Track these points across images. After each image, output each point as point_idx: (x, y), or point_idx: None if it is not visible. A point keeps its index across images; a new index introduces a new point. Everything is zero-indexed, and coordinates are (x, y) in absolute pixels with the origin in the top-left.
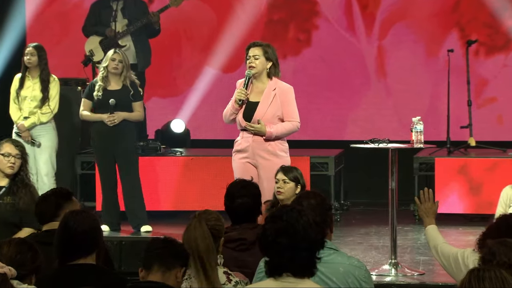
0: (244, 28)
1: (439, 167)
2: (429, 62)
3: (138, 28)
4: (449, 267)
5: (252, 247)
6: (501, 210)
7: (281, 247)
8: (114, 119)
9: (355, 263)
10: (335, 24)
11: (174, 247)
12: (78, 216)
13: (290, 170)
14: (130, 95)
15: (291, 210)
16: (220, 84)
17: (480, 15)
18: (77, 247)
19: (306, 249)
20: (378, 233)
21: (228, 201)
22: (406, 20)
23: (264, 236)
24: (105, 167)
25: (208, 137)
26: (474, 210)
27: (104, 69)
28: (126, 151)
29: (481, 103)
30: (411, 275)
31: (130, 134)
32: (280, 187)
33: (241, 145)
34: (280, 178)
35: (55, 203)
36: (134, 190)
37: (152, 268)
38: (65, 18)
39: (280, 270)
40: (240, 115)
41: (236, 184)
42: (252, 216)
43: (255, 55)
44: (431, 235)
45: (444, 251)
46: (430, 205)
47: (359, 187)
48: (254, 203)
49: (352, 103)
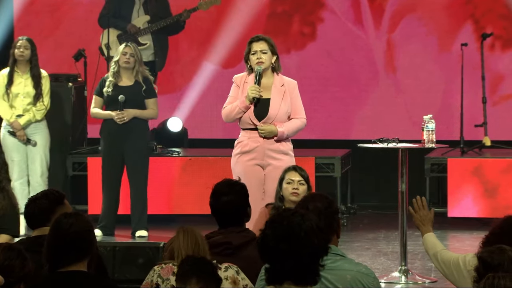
0: (245, 21)
1: (452, 168)
2: (442, 57)
3: (161, 27)
4: (450, 274)
5: (237, 252)
6: None
7: (282, 253)
8: (123, 116)
9: (363, 270)
10: (342, 16)
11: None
12: (71, 218)
13: (302, 170)
14: (142, 91)
15: (293, 214)
16: (220, 80)
17: (496, 6)
18: (69, 252)
19: (308, 255)
20: (387, 238)
21: (213, 200)
22: (417, 12)
23: (264, 242)
24: (110, 167)
25: (206, 137)
26: (489, 214)
27: (115, 63)
28: (135, 151)
29: (497, 100)
30: (423, 282)
31: (141, 133)
32: (296, 188)
33: (249, 146)
34: (295, 179)
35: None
36: (141, 194)
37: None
38: (56, 10)
39: (281, 278)
40: (251, 113)
41: (223, 183)
42: (238, 217)
43: (262, 49)
44: (429, 243)
45: (444, 257)
46: (425, 213)
47: (367, 190)
48: (240, 203)
49: (360, 100)
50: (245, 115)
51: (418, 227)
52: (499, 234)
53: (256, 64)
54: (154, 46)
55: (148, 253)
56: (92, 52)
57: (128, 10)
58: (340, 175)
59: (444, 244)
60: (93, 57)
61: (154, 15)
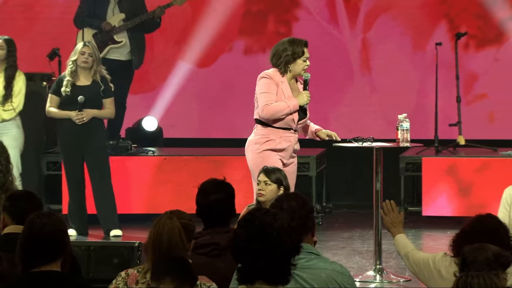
0: (220, 20)
1: (426, 167)
2: (416, 56)
3: (136, 24)
4: (421, 273)
5: (224, 253)
6: (504, 212)
7: (254, 252)
8: (83, 117)
9: (338, 268)
10: (317, 16)
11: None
12: (45, 218)
13: (273, 171)
14: (100, 91)
15: (265, 214)
16: (195, 79)
17: (470, 5)
18: (42, 252)
19: (280, 255)
20: (362, 237)
21: (201, 198)
22: (391, 11)
23: (236, 241)
24: (72, 168)
25: (182, 136)
26: (464, 212)
27: (72, 63)
28: (95, 151)
29: (471, 99)
30: (397, 281)
31: (100, 133)
32: (261, 189)
33: (281, 145)
34: (261, 180)
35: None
36: (105, 192)
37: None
38: (30, 8)
39: (252, 277)
40: (295, 116)
41: (210, 182)
42: (225, 217)
43: (308, 56)
44: (401, 243)
45: (415, 257)
46: (395, 215)
47: (342, 189)
48: (228, 202)
49: (335, 99)
50: (289, 116)
51: (388, 230)
52: (470, 232)
53: (304, 70)
54: (130, 44)
55: (123, 253)
56: (67, 52)
57: (103, 9)
58: (316, 174)
59: (419, 242)
60: (67, 56)
61: (129, 13)
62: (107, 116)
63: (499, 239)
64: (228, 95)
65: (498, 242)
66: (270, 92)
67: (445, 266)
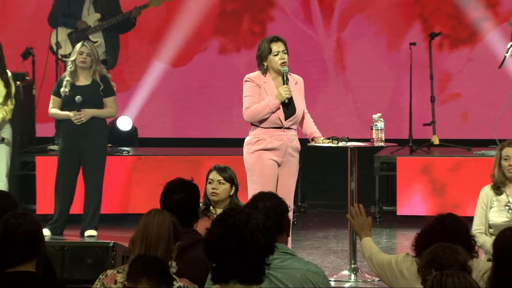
0: (195, 19)
1: (401, 166)
2: (391, 56)
3: (111, 24)
4: (384, 274)
5: (183, 254)
6: (481, 211)
7: (228, 252)
8: (81, 117)
9: (313, 268)
10: (292, 15)
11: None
12: (20, 218)
13: (225, 170)
14: (100, 90)
15: (239, 213)
16: (170, 79)
17: (444, 6)
18: (17, 252)
19: (254, 254)
20: (337, 237)
21: (165, 197)
22: (366, 11)
23: (209, 240)
24: (67, 168)
25: (156, 135)
26: (438, 212)
27: (71, 63)
28: (93, 151)
29: (445, 99)
30: (372, 280)
31: (99, 133)
32: (215, 188)
33: (272, 144)
34: (214, 179)
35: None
36: (97, 194)
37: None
38: (3, 7)
39: (226, 276)
40: (280, 113)
41: (175, 181)
42: (188, 217)
43: (284, 50)
44: (366, 246)
45: (378, 259)
46: (363, 219)
47: (317, 188)
48: (192, 202)
49: (310, 99)
50: (274, 115)
51: (356, 233)
52: (430, 233)
53: (281, 65)
54: (105, 44)
55: (97, 253)
56: (41, 51)
57: (78, 8)
58: None
59: (393, 242)
60: (41, 56)
61: (104, 13)
62: (108, 115)
63: (459, 238)
64: (203, 94)
65: (458, 242)
66: (250, 95)
67: (407, 266)
